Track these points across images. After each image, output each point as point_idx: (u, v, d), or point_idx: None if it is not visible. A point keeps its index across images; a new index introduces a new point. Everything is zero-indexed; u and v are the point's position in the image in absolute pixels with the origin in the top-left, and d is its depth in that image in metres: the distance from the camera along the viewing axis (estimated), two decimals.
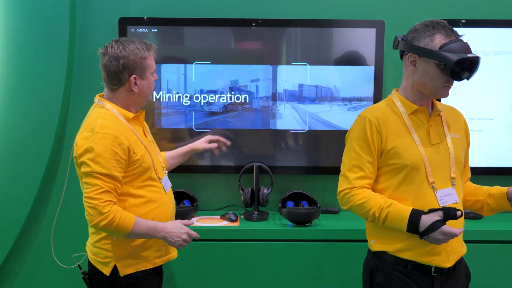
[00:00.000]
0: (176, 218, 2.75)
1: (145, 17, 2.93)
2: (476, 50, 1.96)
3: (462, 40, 1.90)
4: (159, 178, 2.15)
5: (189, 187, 3.04)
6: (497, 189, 2.06)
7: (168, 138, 2.99)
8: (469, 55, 1.86)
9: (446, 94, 1.97)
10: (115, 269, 2.06)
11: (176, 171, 3.01)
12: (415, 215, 1.88)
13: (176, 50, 2.99)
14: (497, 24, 2.93)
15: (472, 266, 2.14)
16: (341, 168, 2.05)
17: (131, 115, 2.10)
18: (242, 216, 2.93)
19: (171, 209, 2.20)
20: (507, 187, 2.02)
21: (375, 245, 2.04)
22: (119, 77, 2.05)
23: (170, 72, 2.95)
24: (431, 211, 1.88)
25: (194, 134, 2.97)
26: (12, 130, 2.93)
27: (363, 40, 2.94)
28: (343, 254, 2.73)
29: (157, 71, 2.25)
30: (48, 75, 2.90)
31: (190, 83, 2.95)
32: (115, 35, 2.89)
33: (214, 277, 2.75)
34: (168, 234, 2.04)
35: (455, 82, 1.94)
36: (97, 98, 2.13)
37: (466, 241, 2.08)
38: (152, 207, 2.09)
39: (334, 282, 2.76)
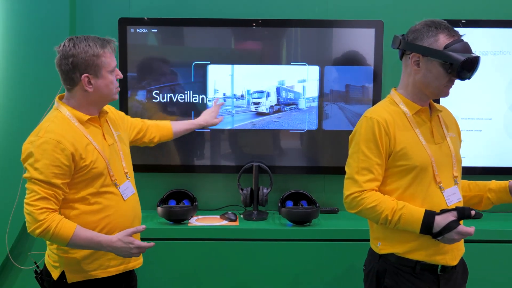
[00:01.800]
0: (175, 219, 2.79)
1: (145, 18, 2.93)
2: (475, 50, 1.97)
3: (463, 40, 1.91)
4: (116, 184, 2.04)
5: (189, 186, 3.04)
6: (497, 184, 2.09)
7: None
8: (473, 55, 1.87)
9: (447, 94, 1.97)
10: (63, 275, 2.01)
11: (176, 171, 3.04)
12: (429, 216, 1.87)
13: (175, 50, 2.99)
14: (496, 24, 2.94)
15: (472, 265, 2.15)
16: (348, 170, 2.00)
17: (85, 117, 2.01)
18: (242, 216, 2.93)
19: (129, 217, 2.09)
20: (507, 181, 2.06)
21: (383, 248, 2.01)
22: (71, 76, 1.97)
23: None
24: (444, 211, 1.88)
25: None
26: (11, 131, 2.93)
27: (362, 40, 2.94)
28: (342, 253, 2.74)
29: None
30: (48, 75, 2.89)
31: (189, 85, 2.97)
32: (114, 35, 2.88)
33: (213, 277, 2.75)
34: (115, 250, 1.95)
35: (455, 82, 1.95)
36: (55, 100, 2.05)
37: (466, 241, 2.08)
38: (104, 214, 2.01)
39: (334, 281, 2.76)
